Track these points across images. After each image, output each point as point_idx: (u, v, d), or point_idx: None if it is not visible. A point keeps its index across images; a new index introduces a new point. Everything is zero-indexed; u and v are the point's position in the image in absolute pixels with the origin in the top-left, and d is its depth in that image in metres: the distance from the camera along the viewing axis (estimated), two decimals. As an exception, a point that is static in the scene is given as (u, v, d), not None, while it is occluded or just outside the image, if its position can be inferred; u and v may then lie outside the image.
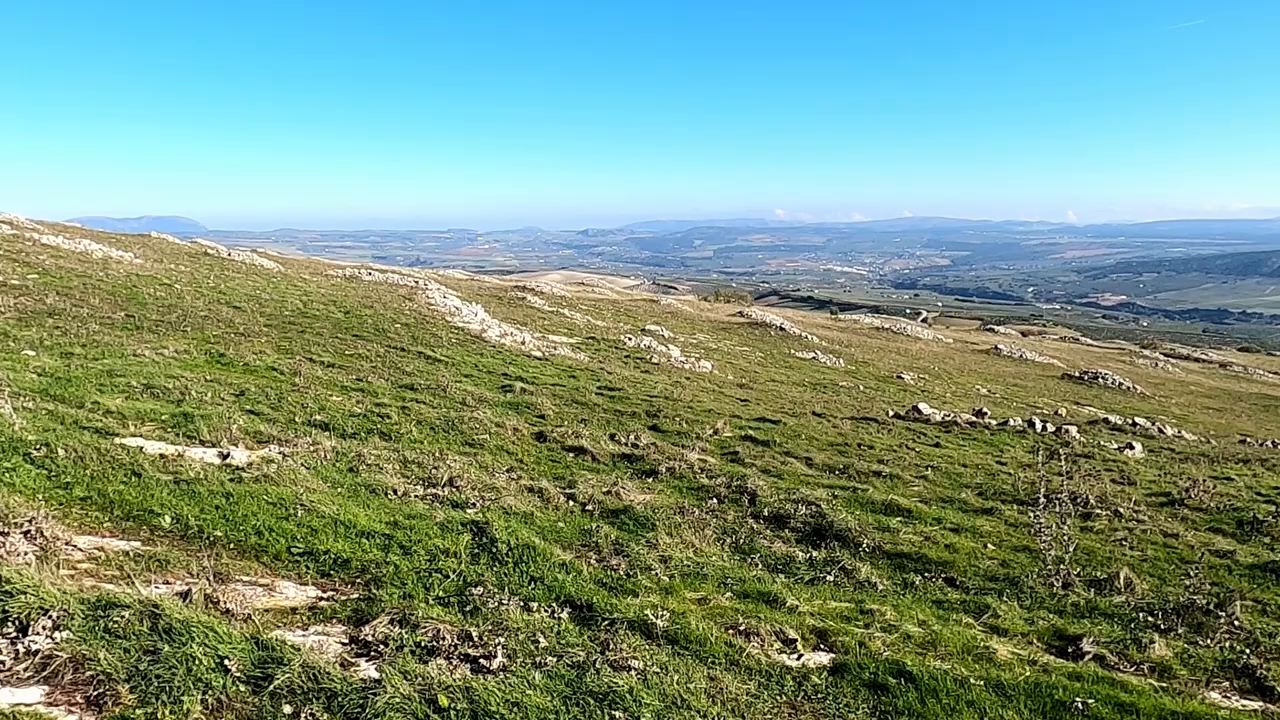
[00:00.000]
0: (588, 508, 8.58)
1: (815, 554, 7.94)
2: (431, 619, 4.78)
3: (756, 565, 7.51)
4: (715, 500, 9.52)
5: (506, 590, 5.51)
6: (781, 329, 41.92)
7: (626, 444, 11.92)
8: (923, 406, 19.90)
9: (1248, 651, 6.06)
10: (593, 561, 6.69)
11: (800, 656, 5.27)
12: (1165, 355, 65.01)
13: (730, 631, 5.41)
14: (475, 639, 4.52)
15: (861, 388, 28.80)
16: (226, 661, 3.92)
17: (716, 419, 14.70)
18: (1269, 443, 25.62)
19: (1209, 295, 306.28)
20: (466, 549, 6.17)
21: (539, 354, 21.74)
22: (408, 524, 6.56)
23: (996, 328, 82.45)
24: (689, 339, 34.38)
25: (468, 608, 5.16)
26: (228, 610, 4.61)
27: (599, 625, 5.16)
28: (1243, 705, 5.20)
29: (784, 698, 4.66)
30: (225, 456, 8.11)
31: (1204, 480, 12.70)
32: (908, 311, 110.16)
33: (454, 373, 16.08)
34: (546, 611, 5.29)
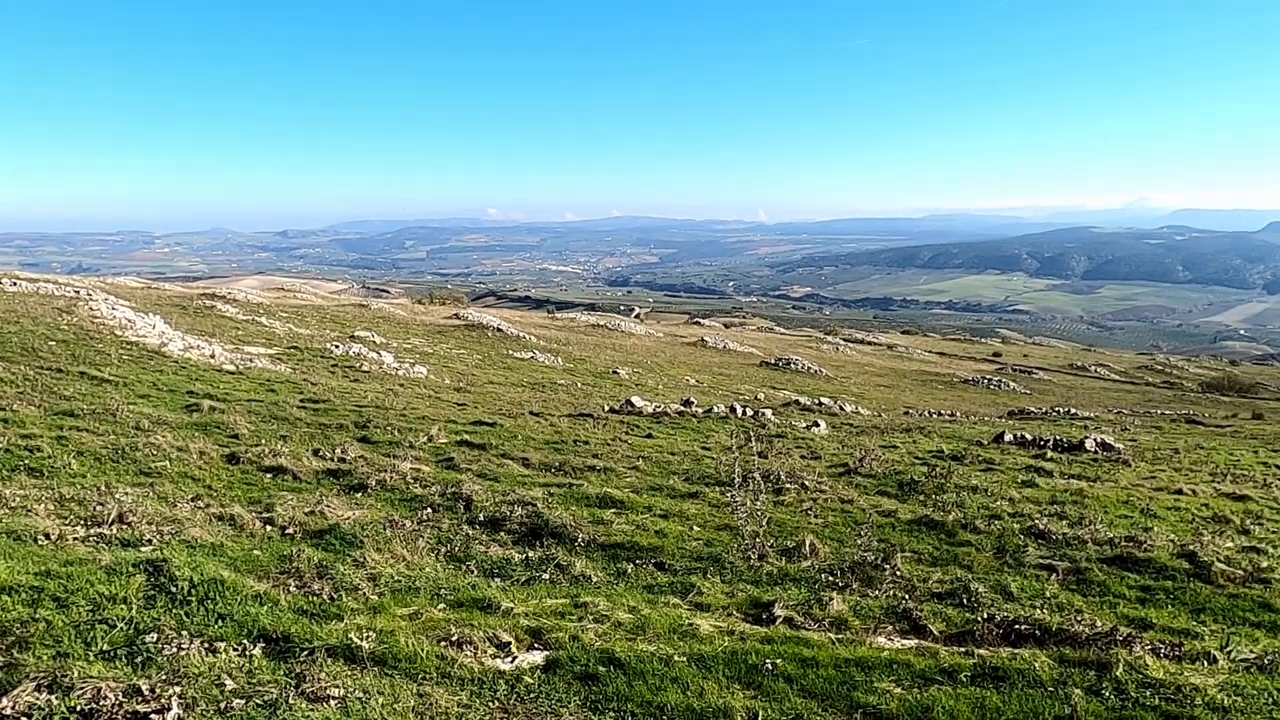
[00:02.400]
0: (288, 531, 8.04)
1: (531, 554, 8.00)
2: (91, 678, 4.23)
3: (472, 572, 7.43)
4: (429, 510, 9.30)
5: (188, 633, 5.00)
6: (499, 330, 41.90)
7: (333, 459, 11.32)
8: (636, 400, 20.77)
9: (906, 597, 6.94)
10: (292, 589, 6.26)
11: (514, 659, 5.28)
12: (845, 340, 72.95)
13: (443, 644, 5.31)
14: (146, 693, 4.06)
15: (579, 384, 29.51)
16: None
17: (431, 425, 14.38)
18: (926, 412, 29.60)
19: (877, 285, 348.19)
20: (139, 592, 5.53)
21: (232, 368, 20.04)
22: (64, 572, 5.75)
23: (703, 321, 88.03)
24: (403, 344, 33.37)
25: (139, 659, 4.62)
26: None
27: (297, 657, 4.85)
28: (903, 644, 5.94)
29: (496, 703, 4.65)
30: None
31: (874, 450, 14.38)
32: (622, 308, 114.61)
33: (127, 394, 14.37)
34: (236, 650, 4.88)
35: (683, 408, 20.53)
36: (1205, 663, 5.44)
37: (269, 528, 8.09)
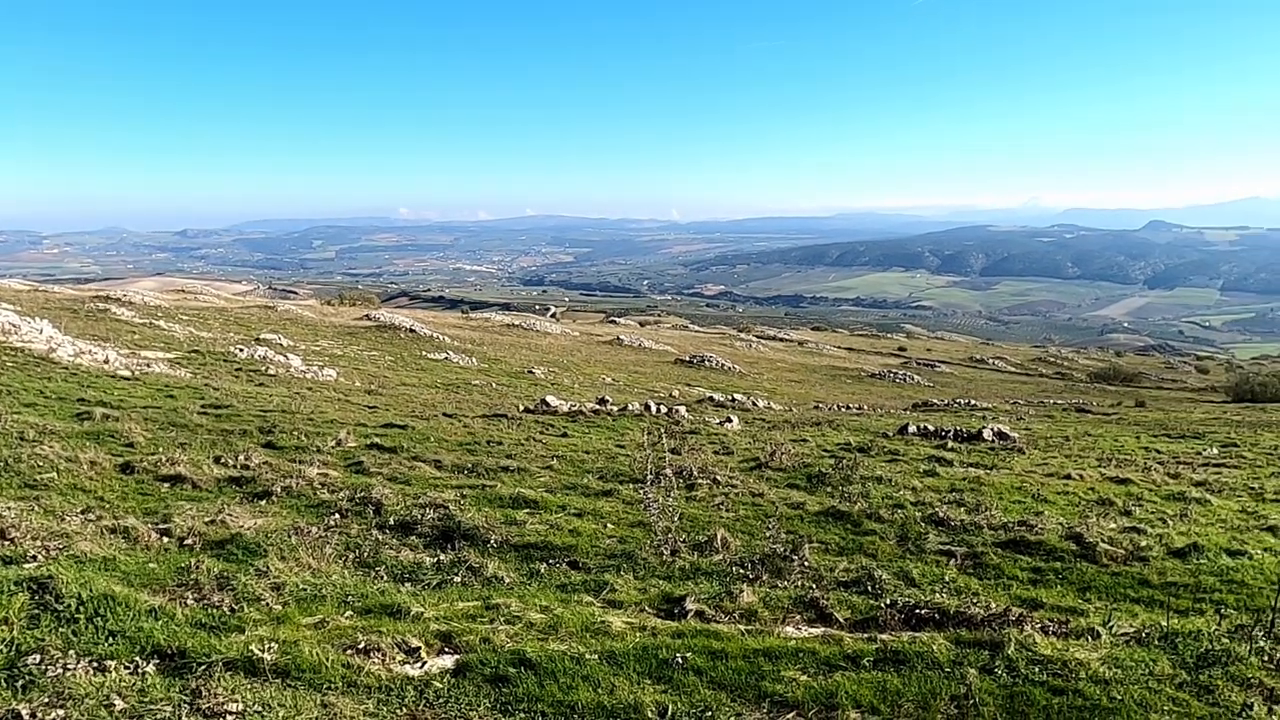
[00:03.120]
0: (187, 542, 7.72)
1: (443, 557, 7.88)
2: (-34, 704, 3.98)
3: (382, 577, 7.27)
4: (337, 515, 9.07)
5: (75, 652, 4.75)
6: (412, 330, 41.13)
7: (235, 465, 10.92)
8: (551, 399, 20.67)
9: (814, 587, 7.08)
10: (190, 602, 6.02)
11: (424, 664, 5.19)
12: (757, 337, 74.06)
13: (349, 652, 5.18)
14: (26, 718, 3.84)
15: (494, 385, 29.21)
16: None
17: (340, 429, 14.02)
18: (835, 406, 30.29)
19: (788, 283, 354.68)
20: (22, 612, 5.23)
21: (128, 373, 19.15)
22: (-62, 594, 5.40)
23: (618, 319, 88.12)
24: (311, 346, 32.46)
25: (19, 682, 4.35)
26: None
27: (194, 672, 4.66)
28: (810, 633, 6.06)
29: (404, 710, 4.56)
30: None
31: (785, 444, 14.65)
32: (537, 307, 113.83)
33: (10, 402, 13.59)
34: (127, 668, 4.66)
35: (598, 406, 20.52)
36: (1089, 638, 5.70)
37: (166, 539, 7.76)
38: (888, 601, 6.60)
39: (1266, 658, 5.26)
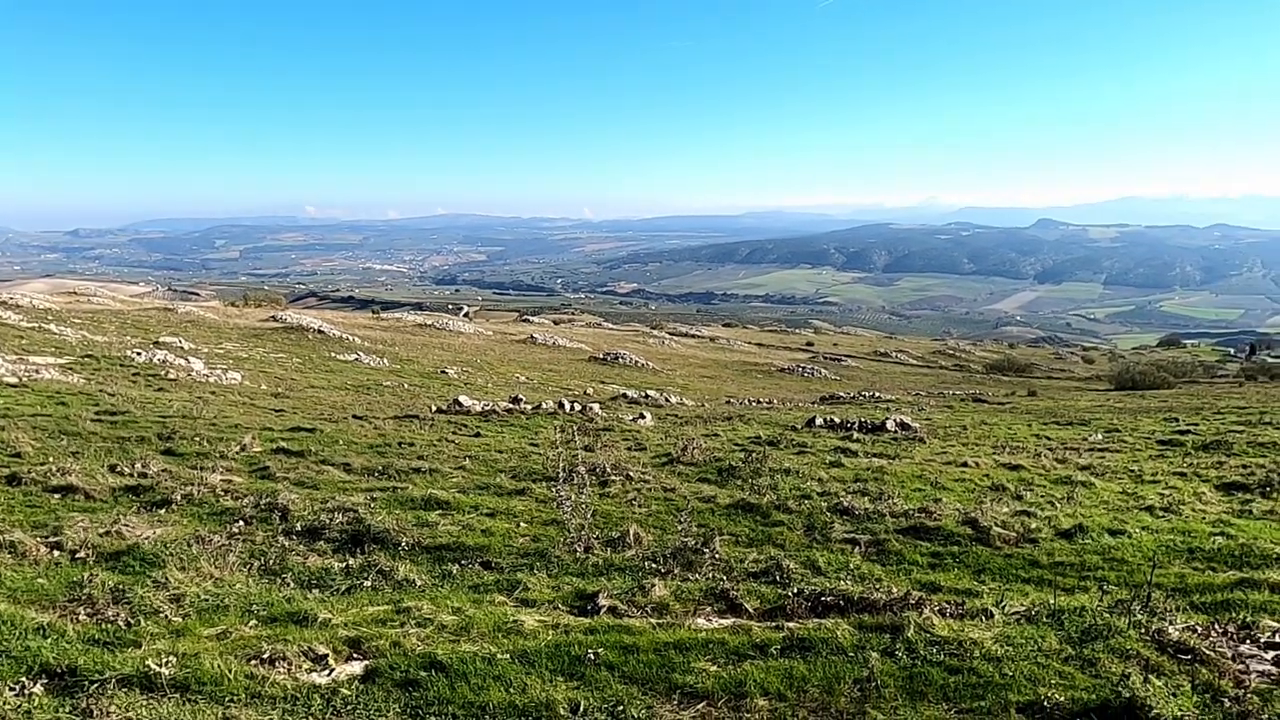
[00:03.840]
0: (79, 555, 7.34)
1: (353, 562, 7.69)
2: None
3: (289, 585, 7.06)
4: (242, 522, 8.76)
5: (-47, 675, 4.48)
6: (321, 332, 39.98)
7: (132, 474, 10.43)
8: (463, 399, 20.40)
9: (724, 579, 7.18)
10: (83, 617, 5.74)
11: (332, 671, 5.06)
12: (670, 334, 74.54)
13: (253, 662, 5.02)
14: (-102, 746, 3.60)
15: (406, 385, 28.66)
16: None
17: (245, 434, 13.55)
18: (746, 400, 30.75)
19: (699, 280, 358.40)
20: (-106, 635, 4.90)
21: (14, 380, 18.09)
22: None
23: (532, 318, 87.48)
24: (215, 349, 31.25)
25: (-109, 709, 4.10)
26: None
27: (85, 690, 4.44)
28: (720, 624, 6.13)
29: (311, 719, 4.44)
30: None
31: (697, 439, 14.79)
32: (450, 307, 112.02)
33: (-117, 414, 12.71)
34: (13, 689, 4.41)
35: (511, 405, 20.35)
36: (983, 619, 5.93)
37: (56, 552, 7.36)
38: (795, 590, 6.73)
39: (1143, 630, 5.56)
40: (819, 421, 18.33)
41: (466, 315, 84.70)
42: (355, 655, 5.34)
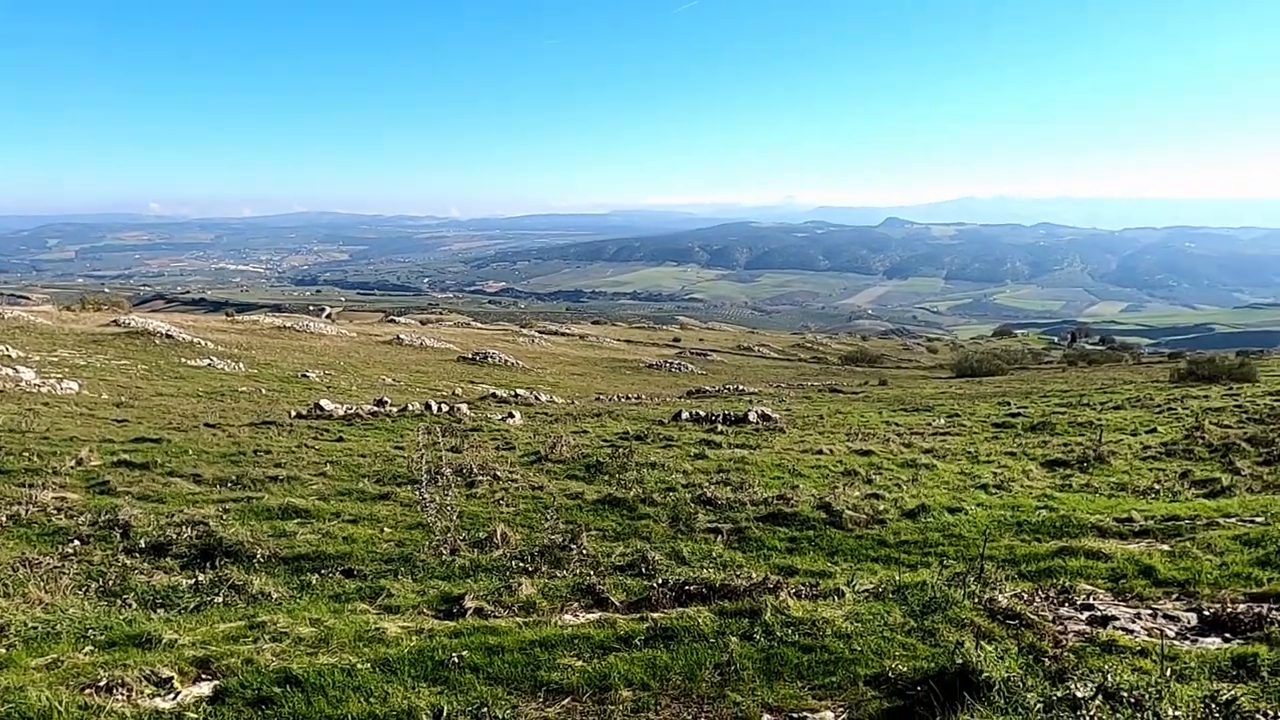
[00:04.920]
0: (-117, 588, 6.63)
1: (203, 577, 7.27)
2: None
3: (130, 606, 6.60)
4: (77, 542, 8.12)
5: None
6: (169, 336, 37.56)
7: (-50, 496, 9.51)
8: (325, 403, 19.63)
9: (591, 573, 7.19)
10: (-113, 656, 5.18)
11: (177, 695, 4.76)
12: (540, 332, 74.08)
13: (88, 691, 4.66)
14: None
15: (264, 391, 27.33)
16: None
17: (82, 447, 12.57)
18: (616, 397, 30.92)
19: (568, 278, 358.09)
20: None
21: None
22: None
23: (398, 318, 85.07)
24: (48, 357, 28.85)
25: None
26: None
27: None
28: (587, 619, 6.13)
29: (153, 746, 4.16)
30: None
31: (565, 436, 14.76)
32: (311, 308, 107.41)
33: None
34: None
35: (376, 408, 19.73)
36: (836, 598, 6.17)
37: None
38: (660, 581, 6.80)
39: (977, 600, 5.92)
40: (685, 415, 18.63)
41: (329, 317, 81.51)
42: (204, 676, 5.04)
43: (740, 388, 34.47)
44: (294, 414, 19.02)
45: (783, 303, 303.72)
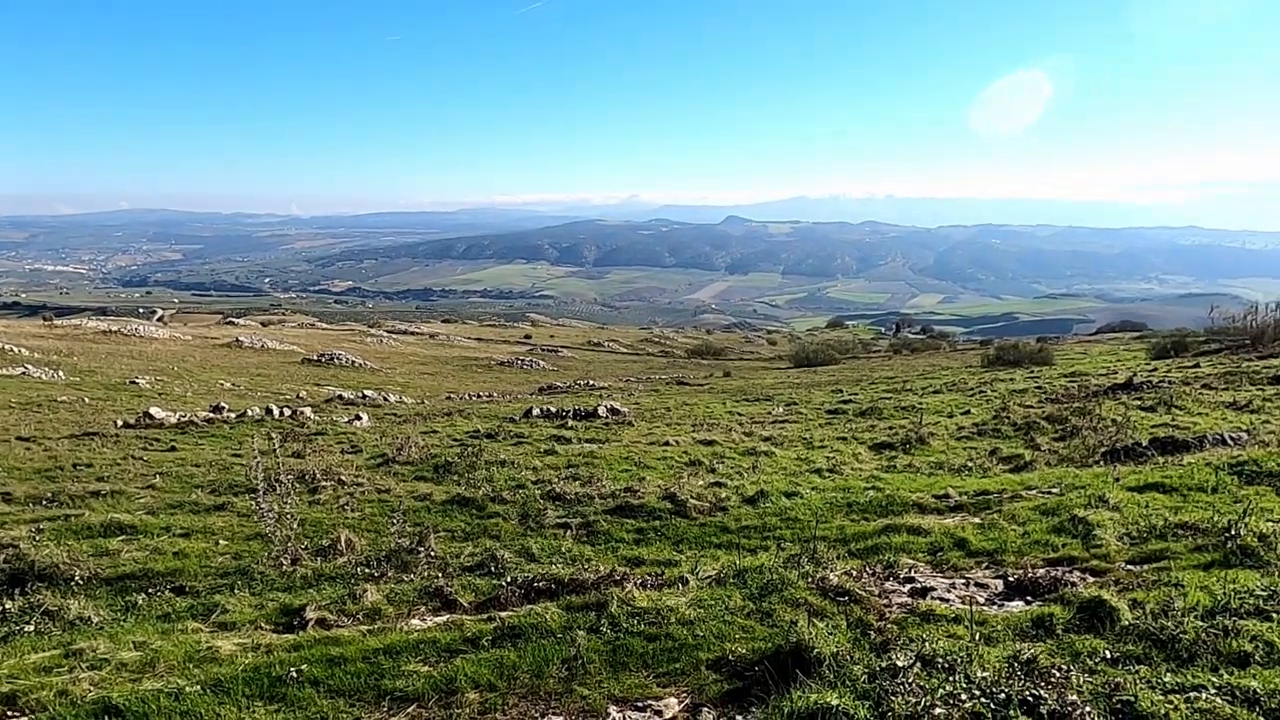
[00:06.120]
0: None
1: (10, 605, 6.57)
2: None
3: (-78, 643, 5.88)
4: None
5: None
6: (-27, 344, 33.85)
7: None
8: (156, 411, 18.22)
9: (439, 575, 7.00)
10: None
11: (-24, 737, 4.28)
12: (389, 332, 71.68)
13: None
14: None
15: (87, 400, 25.06)
16: None
17: None
18: (467, 395, 30.35)
19: (417, 277, 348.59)
20: None
21: None
22: None
23: (238, 320, 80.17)
24: None
25: None
26: None
27: None
28: (435, 622, 5.96)
29: (-54, 798, 3.72)
30: None
31: (414, 437, 14.33)
32: (141, 311, 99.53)
33: None
34: None
35: (213, 414, 18.51)
36: (680, 586, 6.27)
37: None
38: (509, 579, 6.70)
39: (810, 579, 6.16)
40: (536, 412, 18.49)
41: (161, 319, 75.83)
42: (11, 713, 4.56)
43: (591, 383, 34.59)
44: (121, 423, 17.56)
45: (631, 299, 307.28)
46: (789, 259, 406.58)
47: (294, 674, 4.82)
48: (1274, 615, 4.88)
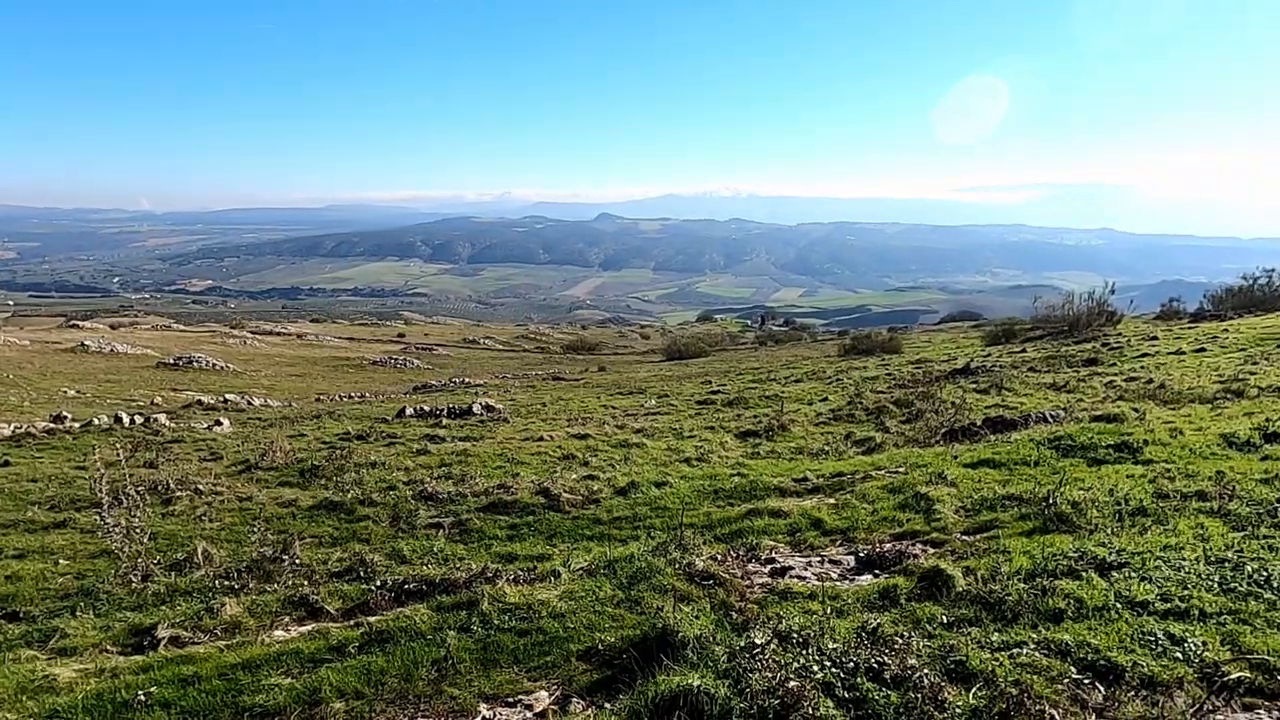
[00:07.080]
0: None
1: None
2: None
3: None
4: None
5: None
6: None
7: None
8: (-14, 423, 16.64)
9: (305, 583, 6.70)
10: None
11: None
12: (253, 333, 68.06)
13: None
14: None
15: (-95, 413, 22.62)
16: None
17: None
18: (338, 396, 29.20)
19: (283, 275, 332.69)
20: None
21: None
22: None
23: (83, 323, 74.19)
24: None
25: None
26: None
27: None
28: (300, 631, 5.71)
29: None
30: None
31: (280, 441, 13.65)
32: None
33: None
34: None
35: (54, 425, 17.06)
36: (552, 579, 6.24)
37: None
38: (379, 583, 6.49)
39: (678, 566, 6.25)
40: (409, 411, 17.99)
41: (-7, 324, 69.34)
42: None
43: (467, 380, 33.95)
44: (-55, 438, 15.93)
45: (506, 295, 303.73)
46: (660, 255, 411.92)
47: (142, 698, 4.50)
48: (1082, 574, 5.33)
